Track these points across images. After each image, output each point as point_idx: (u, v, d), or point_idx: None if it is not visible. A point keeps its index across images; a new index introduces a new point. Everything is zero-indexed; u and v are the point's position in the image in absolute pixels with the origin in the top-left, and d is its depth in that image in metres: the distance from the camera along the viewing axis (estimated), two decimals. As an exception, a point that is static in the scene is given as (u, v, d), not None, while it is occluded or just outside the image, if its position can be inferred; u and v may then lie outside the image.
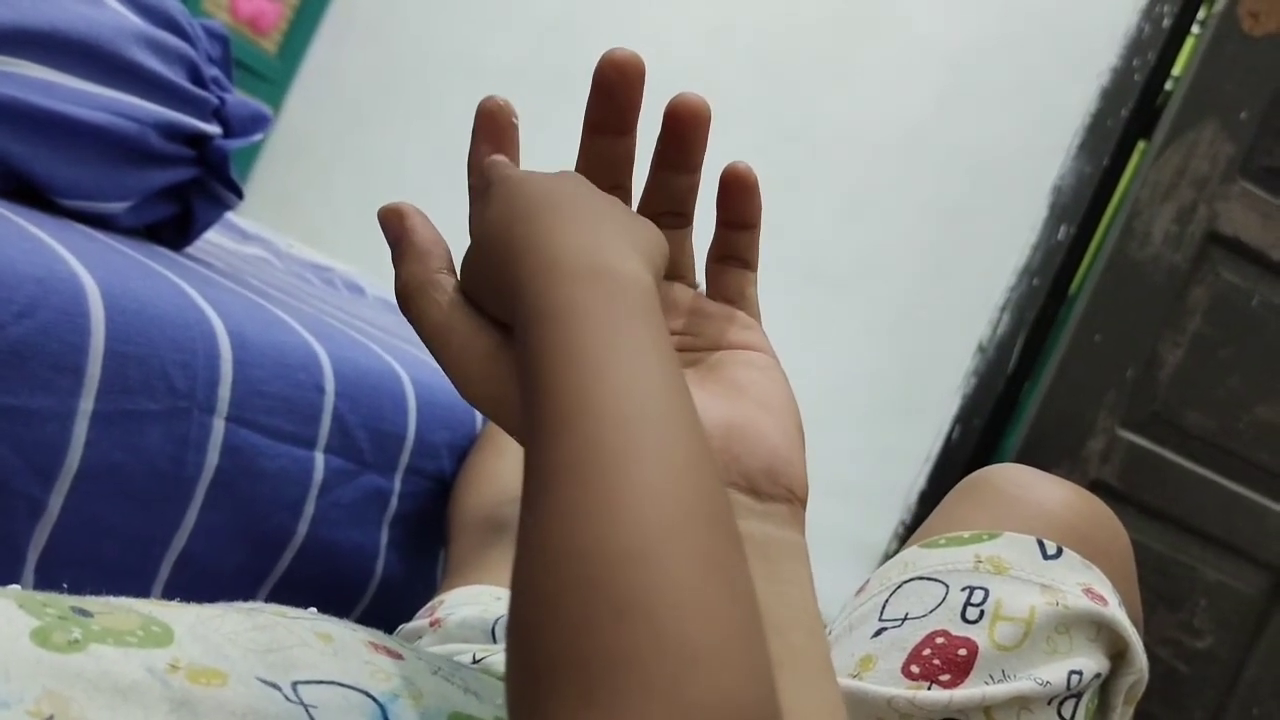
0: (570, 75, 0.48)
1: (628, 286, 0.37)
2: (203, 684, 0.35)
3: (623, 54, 0.46)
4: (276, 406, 0.81)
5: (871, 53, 2.20)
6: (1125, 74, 1.97)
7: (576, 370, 0.34)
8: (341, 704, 0.37)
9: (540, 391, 0.35)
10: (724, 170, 0.49)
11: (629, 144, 0.49)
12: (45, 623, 0.35)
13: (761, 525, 0.44)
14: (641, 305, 0.37)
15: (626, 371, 0.34)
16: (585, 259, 0.38)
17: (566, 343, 0.35)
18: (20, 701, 0.31)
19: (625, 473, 0.31)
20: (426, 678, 0.41)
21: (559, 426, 0.33)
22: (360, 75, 2.45)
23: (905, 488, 2.01)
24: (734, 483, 0.45)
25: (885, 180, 2.16)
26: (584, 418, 0.33)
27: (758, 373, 0.48)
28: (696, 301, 0.51)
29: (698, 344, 0.50)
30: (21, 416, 0.62)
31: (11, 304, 0.59)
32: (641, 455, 0.32)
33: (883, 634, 0.54)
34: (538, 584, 0.31)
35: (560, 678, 0.28)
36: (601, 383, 0.34)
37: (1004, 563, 0.55)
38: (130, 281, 0.71)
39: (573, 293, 0.37)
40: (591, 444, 0.32)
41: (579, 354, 0.35)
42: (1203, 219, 1.75)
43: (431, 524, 0.99)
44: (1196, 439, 1.76)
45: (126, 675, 0.34)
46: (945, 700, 0.50)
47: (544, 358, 0.35)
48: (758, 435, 0.45)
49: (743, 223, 0.50)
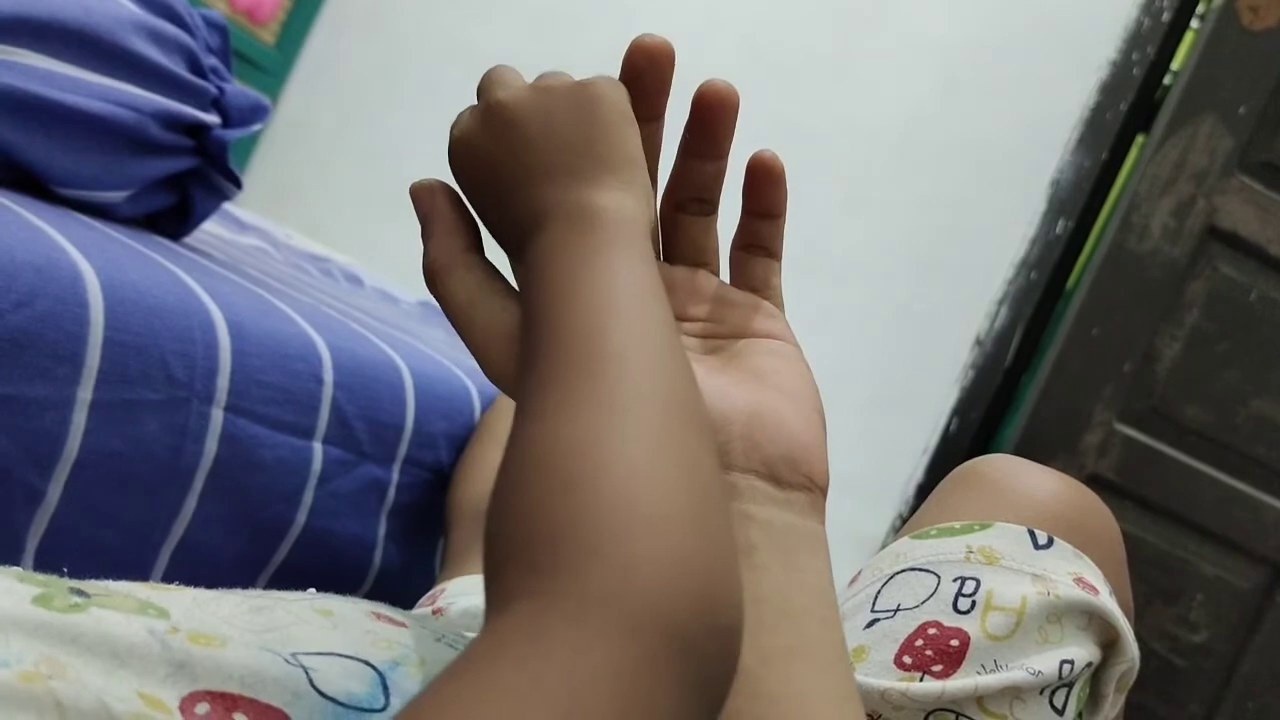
0: (569, 64, 0.48)
1: (604, 218, 0.41)
2: (202, 644, 0.35)
3: (653, 40, 0.46)
4: (275, 396, 0.81)
5: (870, 46, 2.20)
6: (1124, 68, 1.96)
7: (576, 314, 0.37)
8: (340, 671, 0.38)
9: (529, 319, 0.39)
10: (751, 158, 0.49)
11: (656, 130, 0.48)
12: (47, 590, 0.35)
13: (781, 513, 0.44)
14: (623, 235, 0.40)
15: (602, 297, 0.38)
16: (569, 201, 0.41)
17: (559, 286, 0.39)
18: (19, 663, 0.31)
19: (598, 378, 0.34)
20: (430, 645, 0.41)
21: (542, 344, 0.36)
22: (359, 65, 2.45)
23: (902, 480, 2.01)
24: (755, 470, 0.44)
25: (883, 173, 2.16)
26: (566, 334, 0.36)
27: (781, 361, 0.48)
28: (721, 290, 0.51)
29: (721, 331, 0.49)
30: (20, 405, 0.62)
31: (10, 292, 0.60)
32: (612, 361, 0.35)
33: (875, 625, 0.54)
34: (507, 472, 0.32)
35: (512, 551, 0.30)
36: (578, 310, 0.37)
37: (995, 553, 0.55)
38: (129, 271, 0.71)
39: (558, 235, 0.41)
40: (572, 353, 0.35)
41: (575, 301, 0.38)
42: (1201, 213, 1.75)
43: (430, 515, 0.99)
44: (1194, 433, 1.76)
45: (126, 637, 0.34)
46: (938, 691, 0.50)
47: (543, 306, 0.38)
48: (779, 423, 0.45)
49: (769, 211, 0.50)
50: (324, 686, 0.36)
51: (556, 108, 0.43)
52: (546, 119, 0.43)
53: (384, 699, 0.37)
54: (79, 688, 0.31)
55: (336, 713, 0.35)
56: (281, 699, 0.35)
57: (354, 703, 0.36)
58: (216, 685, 0.34)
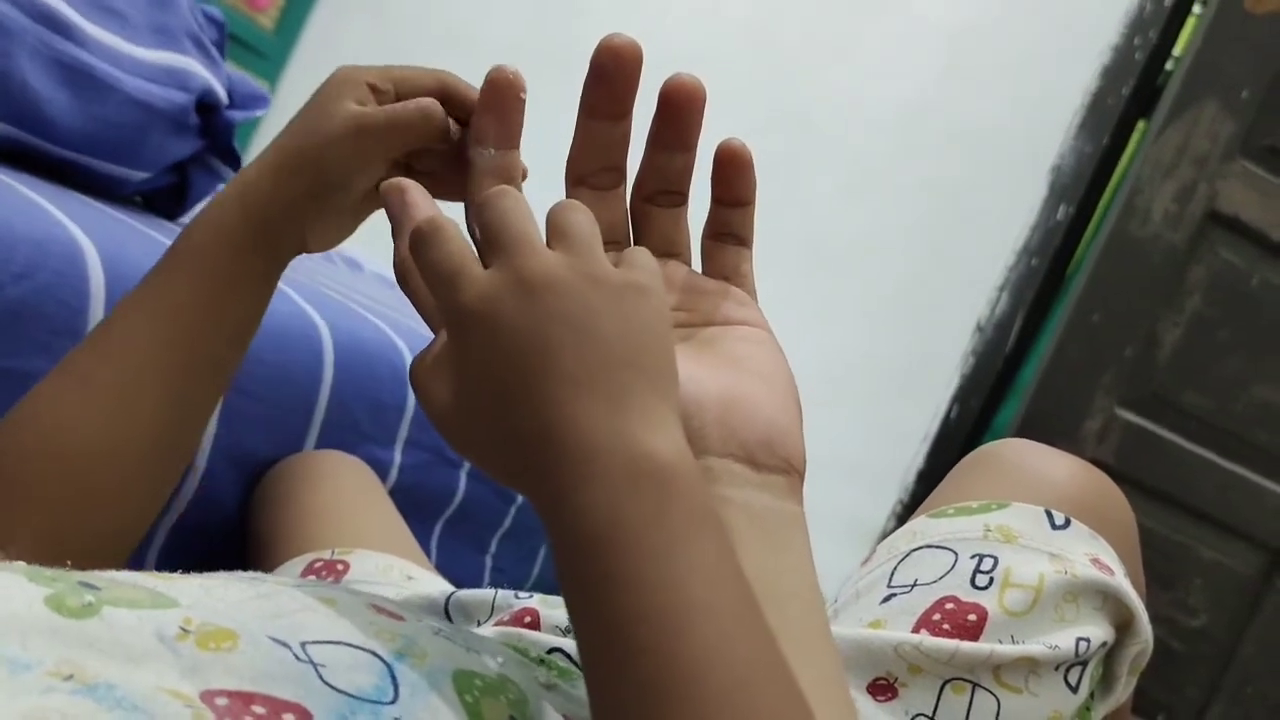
0: (569, 50, 0.48)
1: (673, 483, 0.35)
2: (212, 649, 0.35)
3: (620, 40, 0.45)
4: (274, 375, 0.80)
5: (870, 30, 2.19)
6: (1126, 52, 1.96)
7: (651, 627, 0.33)
8: (350, 662, 0.37)
9: (608, 640, 0.33)
10: (718, 148, 0.49)
11: (625, 127, 0.48)
12: (57, 590, 0.34)
13: (759, 496, 0.44)
14: (696, 508, 0.35)
15: (710, 629, 0.33)
16: (619, 447, 0.35)
17: (627, 580, 0.33)
18: (40, 664, 0.31)
19: (680, 703, 0.31)
20: (429, 638, 0.41)
21: (646, 698, 0.32)
22: (358, 51, 2.43)
23: (903, 467, 2.01)
24: (732, 453, 0.44)
25: (884, 159, 2.15)
26: (680, 697, 0.32)
27: (754, 347, 0.48)
28: (691, 278, 0.51)
29: (693, 319, 0.49)
30: (19, 379, 0.61)
31: (10, 264, 0.59)
32: (694, 686, 0.32)
33: (892, 600, 0.53)
34: None
35: None
36: (685, 646, 0.32)
37: (1013, 532, 0.55)
38: (129, 247, 0.70)
39: (618, 506, 0.34)
40: (645, 670, 0.32)
41: (648, 606, 0.33)
42: (1203, 198, 1.74)
43: (430, 495, 0.99)
44: (1194, 418, 1.76)
45: (138, 644, 0.33)
46: (952, 649, 0.50)
47: (605, 598, 0.34)
48: (754, 407, 0.45)
49: (737, 200, 0.50)
50: (333, 681, 0.36)
51: (602, 307, 0.37)
52: (590, 317, 0.37)
53: (393, 691, 0.37)
54: (103, 683, 0.31)
55: (351, 705, 0.35)
56: (295, 694, 0.34)
57: (364, 695, 0.36)
58: (231, 685, 0.34)
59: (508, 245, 0.38)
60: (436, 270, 0.39)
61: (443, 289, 0.39)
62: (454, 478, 1.01)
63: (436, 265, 0.39)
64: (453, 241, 0.39)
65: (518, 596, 0.58)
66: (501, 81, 0.48)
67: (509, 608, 0.57)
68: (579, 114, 0.48)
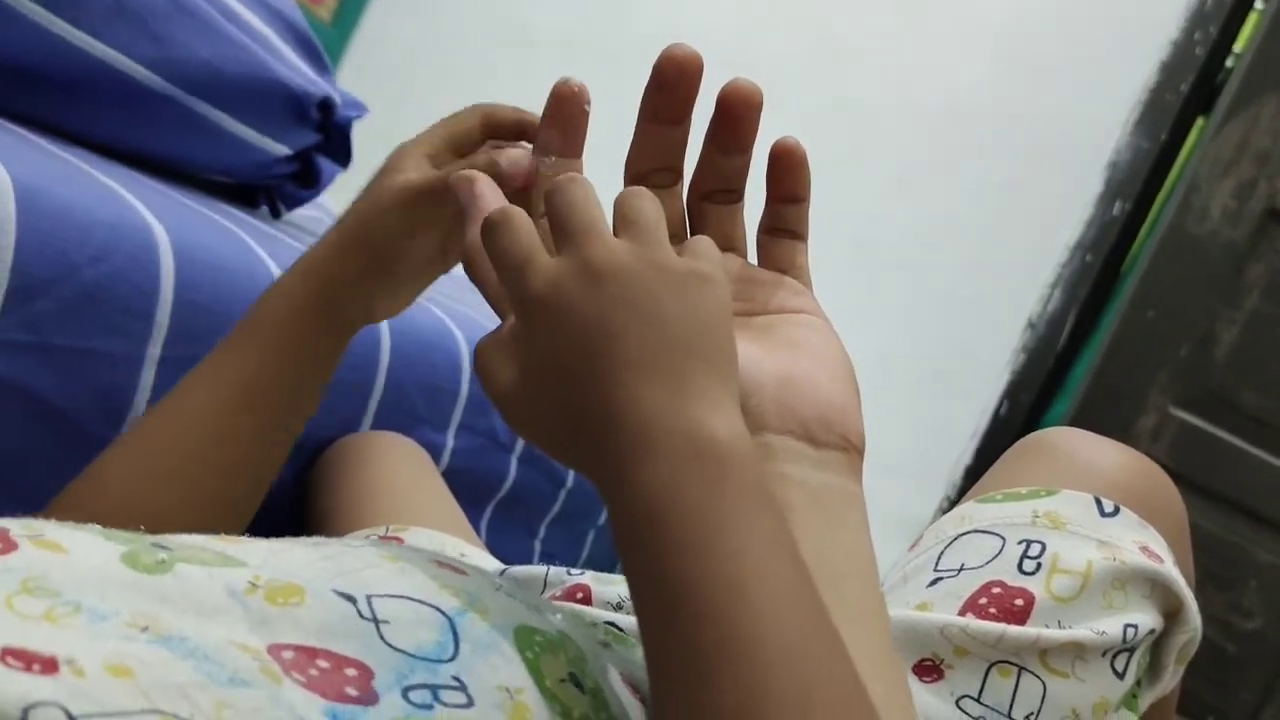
0: (621, 44, 0.48)
1: (730, 462, 0.36)
2: (279, 604, 0.36)
3: (683, 51, 0.46)
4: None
5: (924, 24, 2.17)
6: (1186, 47, 1.93)
7: (709, 593, 0.34)
8: (412, 618, 0.38)
9: (666, 607, 0.35)
10: (773, 145, 0.50)
11: (683, 131, 0.49)
12: (132, 548, 0.36)
13: (818, 473, 0.45)
14: (751, 486, 0.36)
15: (766, 595, 0.34)
16: (679, 428, 0.36)
17: (685, 550, 0.35)
18: (117, 615, 0.32)
19: (740, 664, 0.33)
20: (491, 594, 0.42)
21: (706, 662, 0.33)
22: (411, 44, 2.46)
23: (951, 463, 2.00)
24: (790, 430, 0.45)
25: (937, 154, 2.13)
26: (737, 659, 0.33)
27: (810, 332, 0.49)
28: (747, 270, 0.51)
29: (751, 308, 0.50)
30: (94, 359, 0.63)
31: (86, 246, 0.61)
32: (754, 646, 0.33)
33: (938, 583, 0.54)
34: None
35: None
36: (743, 611, 0.34)
37: (1061, 518, 0.55)
38: (199, 234, 0.73)
39: (677, 483, 0.36)
40: (754, 692, 0.32)
41: (706, 574, 0.34)
42: (1263, 195, 1.72)
43: (482, 479, 1.00)
44: (1252, 419, 1.73)
45: (209, 599, 0.35)
46: (999, 632, 0.50)
47: (663, 569, 0.35)
48: (812, 385, 0.46)
49: (792, 196, 0.50)
50: (394, 640, 0.37)
51: (666, 294, 0.38)
52: (654, 303, 0.38)
53: (453, 647, 0.38)
54: (176, 634, 0.32)
55: (410, 664, 0.36)
56: (356, 650, 0.36)
57: (423, 654, 0.37)
58: (297, 639, 0.35)
59: (575, 233, 0.40)
60: (506, 257, 0.41)
61: (512, 275, 0.40)
62: (505, 462, 1.03)
63: (506, 252, 0.41)
64: (522, 230, 0.41)
65: (570, 574, 0.59)
66: (566, 94, 0.50)
67: (561, 584, 0.58)
68: (639, 117, 0.49)
